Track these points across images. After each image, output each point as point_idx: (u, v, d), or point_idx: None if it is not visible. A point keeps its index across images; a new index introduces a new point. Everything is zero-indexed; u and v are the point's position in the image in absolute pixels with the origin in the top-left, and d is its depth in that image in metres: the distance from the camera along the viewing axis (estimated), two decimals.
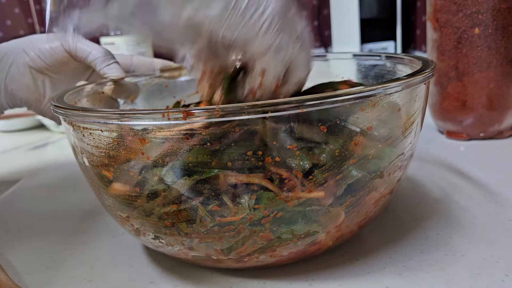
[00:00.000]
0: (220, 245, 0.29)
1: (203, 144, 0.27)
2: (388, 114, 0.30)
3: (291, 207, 0.28)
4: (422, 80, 0.30)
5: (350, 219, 0.31)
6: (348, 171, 0.28)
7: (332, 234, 0.31)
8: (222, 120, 0.25)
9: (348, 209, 0.30)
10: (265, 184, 0.27)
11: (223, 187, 0.27)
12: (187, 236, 0.29)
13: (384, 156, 0.30)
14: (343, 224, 0.30)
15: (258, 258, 0.30)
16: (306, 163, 0.27)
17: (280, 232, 0.29)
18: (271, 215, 0.28)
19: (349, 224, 0.31)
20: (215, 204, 0.28)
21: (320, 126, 0.27)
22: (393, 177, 0.32)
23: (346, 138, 0.28)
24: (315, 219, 0.29)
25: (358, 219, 0.31)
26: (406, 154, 0.33)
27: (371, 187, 0.30)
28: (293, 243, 0.29)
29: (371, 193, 0.31)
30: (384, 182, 0.31)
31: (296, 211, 0.28)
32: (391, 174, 0.32)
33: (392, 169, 0.31)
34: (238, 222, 0.28)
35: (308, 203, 0.28)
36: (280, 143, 0.27)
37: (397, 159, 0.31)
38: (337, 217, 0.30)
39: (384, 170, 0.30)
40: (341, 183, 0.28)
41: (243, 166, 0.27)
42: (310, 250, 0.31)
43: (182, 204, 0.28)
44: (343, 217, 0.30)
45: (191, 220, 0.28)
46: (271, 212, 0.28)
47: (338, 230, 0.31)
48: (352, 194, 0.29)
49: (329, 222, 0.30)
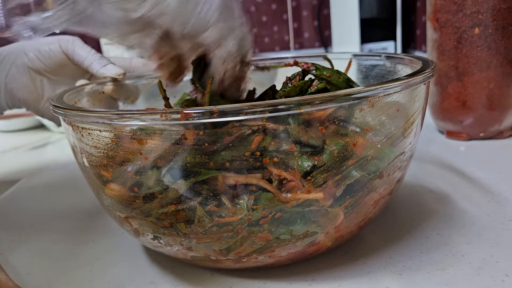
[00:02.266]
0: (219, 246, 0.29)
1: (201, 144, 0.26)
2: (388, 114, 0.30)
3: (290, 208, 0.28)
4: (422, 80, 0.30)
5: (349, 220, 0.30)
6: (347, 172, 0.28)
7: (331, 234, 0.30)
8: (220, 120, 0.25)
9: (347, 209, 0.30)
10: (263, 185, 0.27)
11: (222, 188, 0.27)
12: (185, 237, 0.29)
13: (384, 156, 0.30)
14: (342, 225, 0.30)
15: (257, 259, 0.30)
16: (305, 164, 0.27)
17: (278, 233, 0.28)
18: (270, 216, 0.28)
19: (348, 225, 0.31)
20: (213, 205, 0.27)
21: (318, 127, 0.27)
22: (393, 177, 0.32)
23: (345, 139, 0.28)
24: (314, 219, 0.29)
25: (357, 219, 0.31)
26: (406, 154, 0.33)
27: (371, 188, 0.30)
28: (292, 243, 0.29)
29: (370, 193, 0.30)
30: (384, 183, 0.31)
31: (295, 211, 0.28)
32: (391, 174, 0.31)
33: (391, 169, 0.31)
34: (237, 222, 0.28)
35: (307, 203, 0.28)
36: (278, 144, 0.27)
37: (397, 160, 0.31)
38: (336, 218, 0.29)
39: (384, 171, 0.30)
40: (340, 184, 0.28)
41: (241, 167, 0.27)
42: (309, 251, 0.31)
43: (180, 205, 0.28)
44: (342, 218, 0.30)
45: (190, 221, 0.28)
46: (270, 213, 0.28)
47: (337, 231, 0.30)
48: (351, 195, 0.29)
49: (328, 223, 0.29)
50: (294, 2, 1.55)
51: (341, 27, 1.27)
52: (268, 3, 1.55)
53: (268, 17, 1.56)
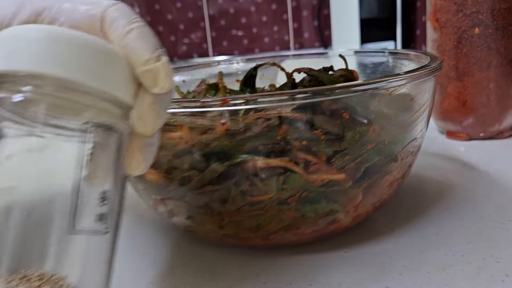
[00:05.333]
0: (249, 223, 0.31)
1: (237, 131, 0.29)
2: (402, 103, 0.33)
3: (315, 187, 0.31)
4: (431, 72, 0.33)
5: (367, 199, 0.33)
6: (366, 155, 0.31)
7: (350, 214, 0.33)
8: (255, 107, 0.28)
9: (366, 190, 0.33)
10: (291, 167, 0.30)
11: (254, 170, 0.30)
12: (219, 215, 0.31)
13: (398, 142, 0.33)
14: (360, 204, 0.33)
15: (283, 236, 0.33)
16: (328, 149, 0.30)
17: (304, 211, 0.31)
18: (297, 195, 0.30)
19: (365, 205, 0.34)
20: (246, 185, 0.30)
21: (342, 113, 0.30)
22: (406, 161, 0.35)
23: (365, 125, 0.31)
24: (336, 199, 0.32)
25: (373, 200, 0.34)
26: (417, 141, 0.36)
27: (386, 171, 0.33)
28: (315, 221, 0.32)
29: (386, 176, 0.33)
30: (398, 166, 0.34)
31: (319, 191, 0.31)
32: (404, 159, 0.35)
33: (405, 154, 0.34)
34: (267, 201, 0.30)
35: (330, 184, 0.31)
36: (304, 131, 0.29)
37: (409, 145, 0.35)
38: (356, 197, 0.32)
39: (398, 155, 0.33)
40: (360, 166, 0.31)
41: (271, 151, 0.29)
42: (330, 229, 0.34)
43: (216, 186, 0.30)
44: (360, 198, 0.33)
45: (224, 200, 0.30)
46: (297, 192, 0.30)
47: (356, 210, 0.33)
48: (369, 177, 0.32)
49: (348, 202, 0.32)
50: (294, 2, 1.55)
51: (341, 27, 1.27)
52: (268, 3, 1.55)
53: (268, 17, 1.56)
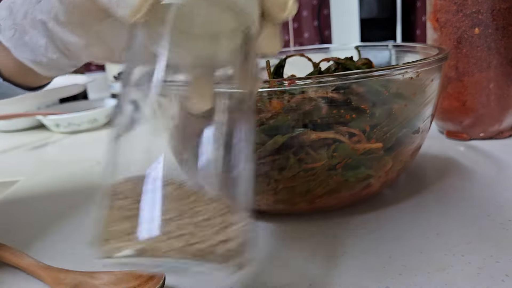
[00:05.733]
0: (301, 188, 0.36)
1: (296, 107, 0.34)
2: (425, 84, 0.38)
3: (358, 155, 0.36)
4: (443, 58, 0.39)
5: (394, 166, 0.39)
6: (397, 128, 0.37)
7: (381, 179, 0.39)
8: (318, 86, 0.33)
9: (394, 158, 0.38)
10: (340, 137, 0.35)
11: (309, 141, 0.35)
12: (276, 183, 0.36)
13: (420, 116, 0.39)
14: (390, 170, 0.39)
15: (326, 200, 0.38)
16: (368, 123, 0.36)
17: (348, 176, 0.37)
18: (343, 162, 0.36)
19: (393, 171, 0.39)
20: (302, 153, 0.35)
21: (384, 91, 0.36)
22: (423, 135, 0.42)
23: (398, 102, 0.37)
24: (372, 165, 0.37)
25: (398, 167, 0.40)
26: (430, 118, 0.42)
27: (410, 141, 0.39)
28: (354, 185, 0.38)
29: (409, 146, 0.40)
30: (418, 138, 0.40)
31: (360, 159, 0.36)
32: (423, 132, 0.41)
33: (424, 127, 0.41)
34: (319, 167, 0.35)
35: (369, 152, 0.36)
36: (346, 108, 0.35)
37: (427, 120, 0.41)
38: (387, 164, 0.38)
39: (420, 127, 0.40)
40: (392, 137, 0.37)
41: (327, 122, 0.35)
42: (362, 194, 0.39)
43: (277, 156, 0.35)
44: (391, 164, 0.38)
45: (282, 168, 0.35)
46: (344, 159, 0.36)
47: (386, 175, 0.39)
48: (398, 145, 0.38)
49: (381, 168, 0.38)
50: None
51: (341, 27, 1.27)
52: None
53: None
